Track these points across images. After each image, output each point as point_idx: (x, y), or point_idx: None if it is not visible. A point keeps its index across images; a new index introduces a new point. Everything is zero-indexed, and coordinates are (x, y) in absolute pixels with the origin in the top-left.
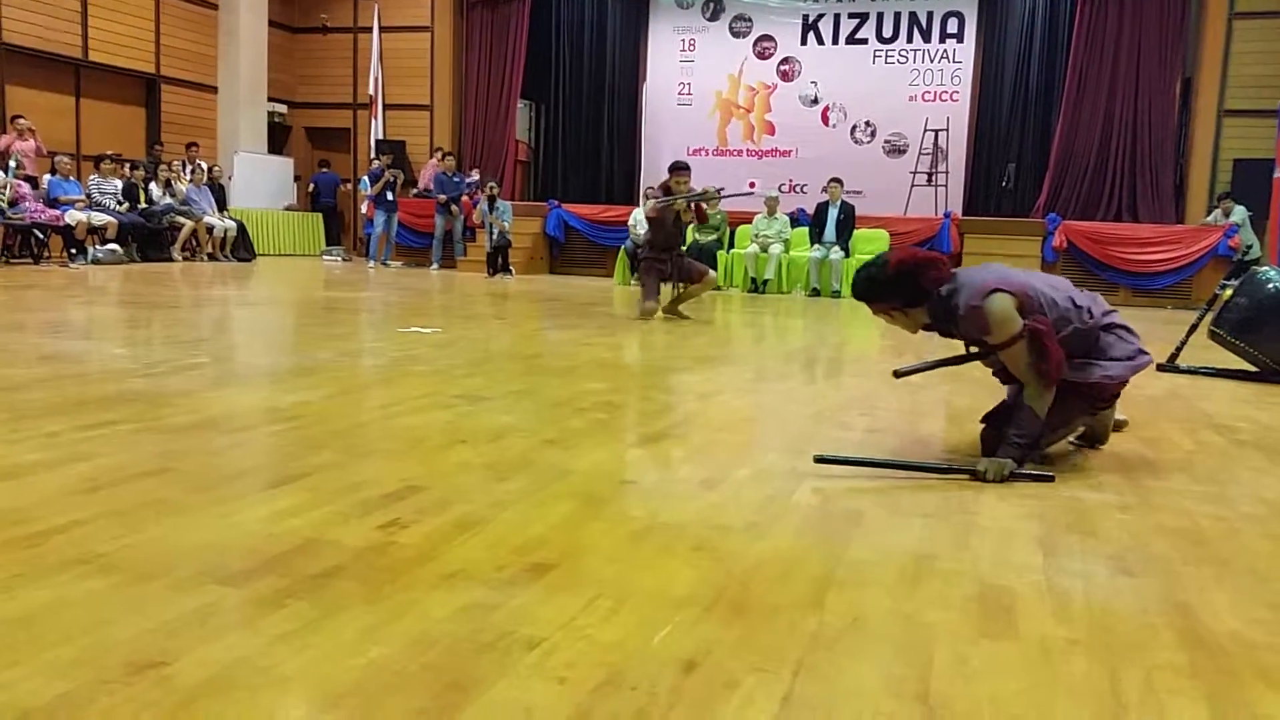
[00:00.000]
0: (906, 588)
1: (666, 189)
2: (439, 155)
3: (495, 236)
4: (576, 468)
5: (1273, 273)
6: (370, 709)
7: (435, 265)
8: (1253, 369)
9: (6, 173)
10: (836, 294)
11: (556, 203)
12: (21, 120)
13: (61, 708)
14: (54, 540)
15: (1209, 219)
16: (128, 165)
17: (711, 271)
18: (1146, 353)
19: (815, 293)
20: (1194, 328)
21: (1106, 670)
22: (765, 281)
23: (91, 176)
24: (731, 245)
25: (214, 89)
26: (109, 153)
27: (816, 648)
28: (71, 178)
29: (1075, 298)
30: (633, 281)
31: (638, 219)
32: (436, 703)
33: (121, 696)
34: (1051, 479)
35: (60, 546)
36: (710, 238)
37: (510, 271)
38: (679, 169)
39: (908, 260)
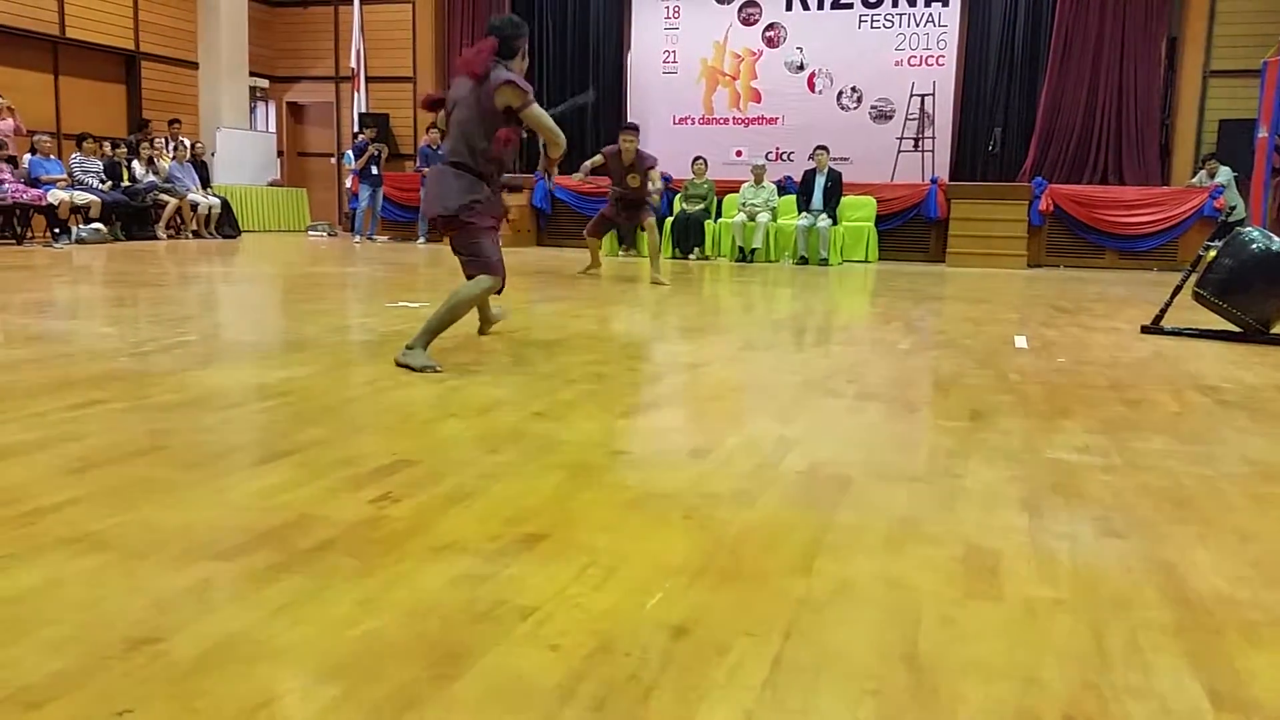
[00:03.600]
0: (893, 551)
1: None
2: (428, 129)
3: None
4: (566, 439)
5: (1256, 233)
6: (366, 679)
7: (421, 239)
8: (1236, 330)
9: None
10: (825, 262)
11: (540, 175)
12: (0, 99)
13: (59, 684)
14: (46, 520)
15: (1194, 180)
16: (108, 144)
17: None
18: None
19: (803, 261)
20: (1178, 289)
21: (1091, 629)
22: (753, 250)
23: (73, 155)
24: (719, 215)
25: (194, 65)
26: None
27: (805, 612)
28: (53, 157)
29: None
30: (621, 252)
31: None
32: (431, 672)
33: (119, 672)
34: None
35: (52, 526)
36: (697, 208)
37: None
38: (627, 129)
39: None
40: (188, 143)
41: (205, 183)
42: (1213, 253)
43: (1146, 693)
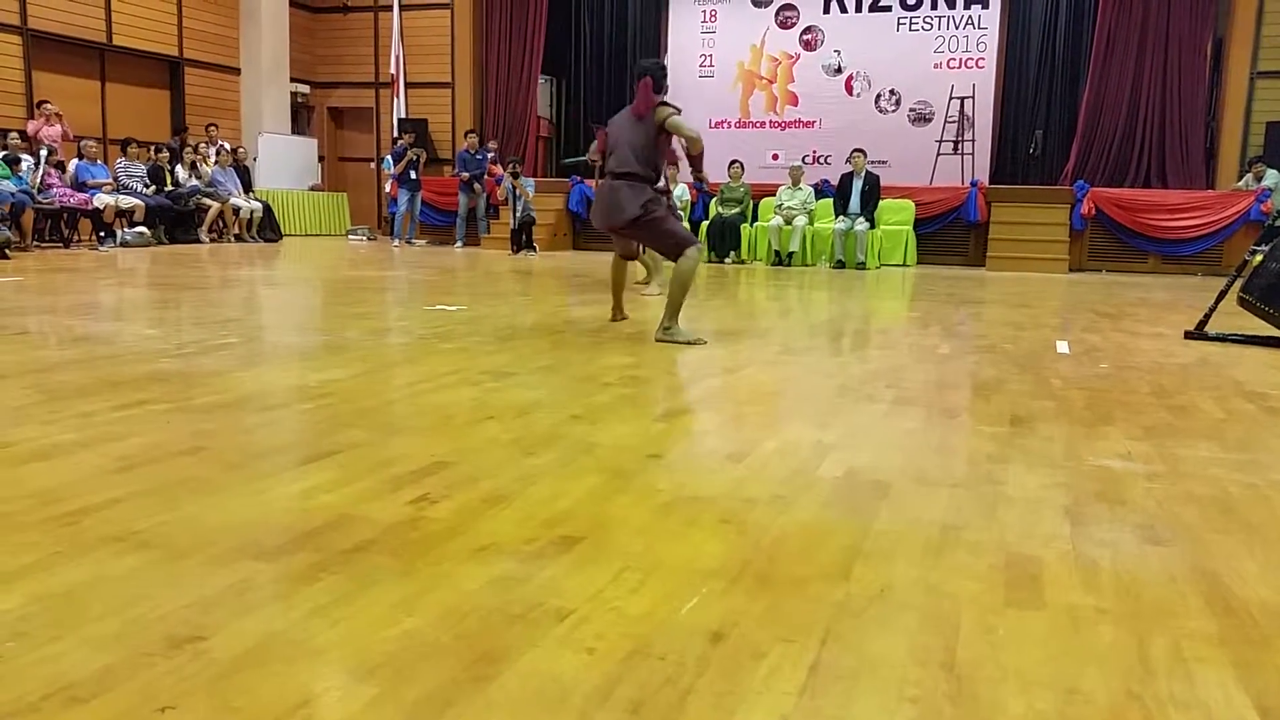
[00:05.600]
0: (933, 558)
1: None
2: (466, 134)
3: (519, 213)
4: (603, 442)
5: None
6: (404, 679)
7: (459, 243)
8: None
9: (38, 161)
10: (862, 266)
11: (579, 179)
12: (48, 105)
13: (104, 680)
14: (91, 518)
15: (1240, 184)
16: (153, 148)
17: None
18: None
19: (840, 265)
20: (1223, 294)
21: (1134, 638)
22: (790, 254)
23: (118, 160)
24: (755, 218)
25: (237, 71)
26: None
27: (843, 618)
28: (98, 161)
29: None
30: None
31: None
32: (469, 673)
33: (161, 669)
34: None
35: (97, 524)
36: (733, 211)
37: (534, 248)
38: None
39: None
40: (227, 145)
41: (247, 187)
42: (1259, 257)
43: (1192, 704)
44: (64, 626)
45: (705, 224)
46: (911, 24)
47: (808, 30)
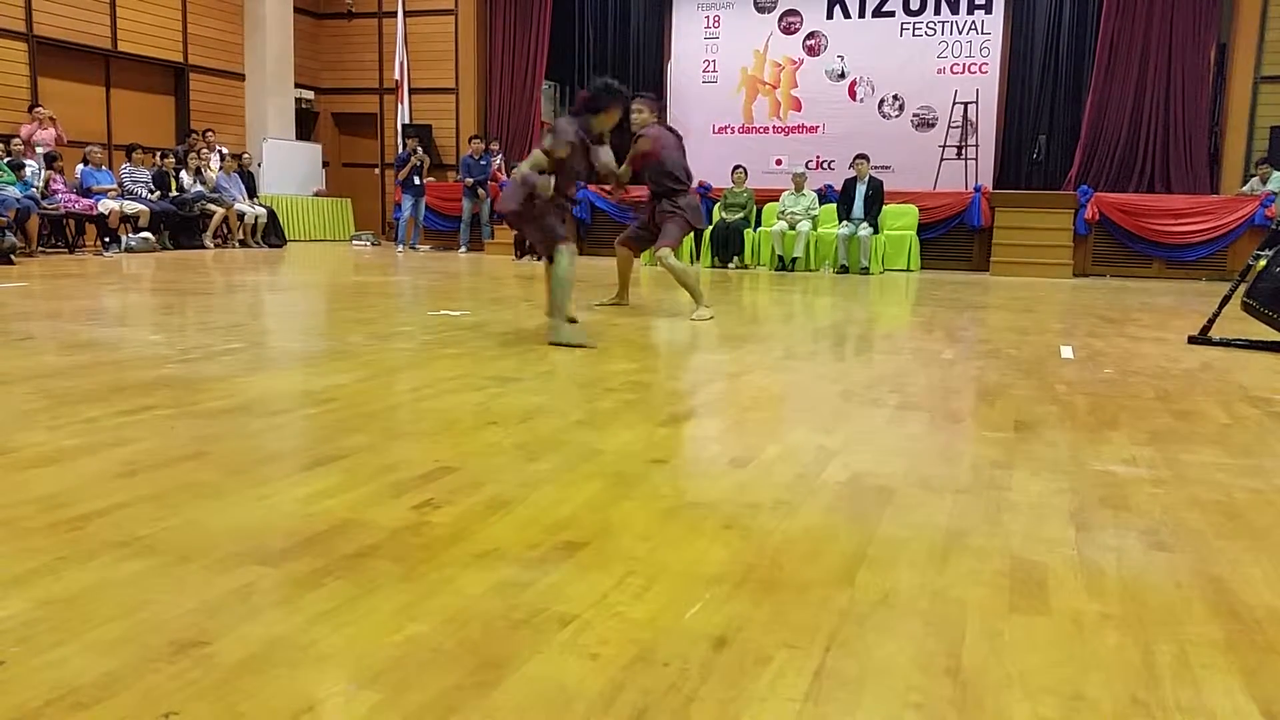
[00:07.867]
0: (937, 564)
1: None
2: (470, 140)
3: None
4: (606, 447)
5: None
6: (407, 685)
7: (463, 248)
8: None
9: (38, 164)
10: (865, 271)
11: (582, 184)
12: (41, 110)
13: (108, 685)
14: (95, 523)
15: (1245, 188)
16: (157, 154)
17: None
18: None
19: (844, 270)
20: (1227, 299)
21: (1139, 644)
22: (793, 259)
23: (123, 165)
24: (758, 223)
25: (241, 76)
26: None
27: (847, 624)
28: (103, 167)
29: None
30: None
31: None
32: (472, 679)
33: (165, 674)
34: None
35: (101, 529)
36: (736, 216)
37: (538, 254)
38: (642, 98)
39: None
40: (223, 151)
41: (251, 193)
42: (1263, 262)
43: (1198, 710)
44: (68, 632)
45: (709, 229)
46: (915, 29)
47: (811, 36)
